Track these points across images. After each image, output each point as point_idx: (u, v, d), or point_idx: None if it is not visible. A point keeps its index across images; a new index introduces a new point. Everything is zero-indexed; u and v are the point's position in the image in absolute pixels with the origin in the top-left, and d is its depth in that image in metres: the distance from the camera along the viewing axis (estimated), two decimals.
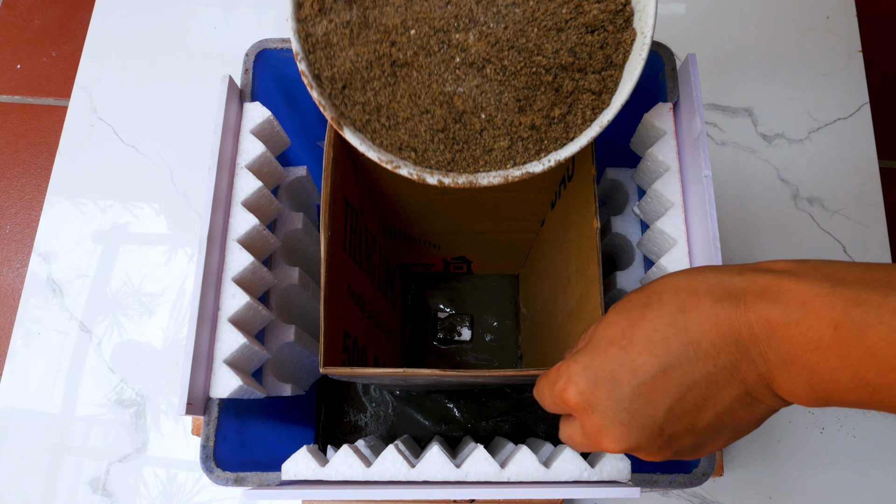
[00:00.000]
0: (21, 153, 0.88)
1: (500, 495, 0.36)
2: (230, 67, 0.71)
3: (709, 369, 0.24)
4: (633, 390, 0.25)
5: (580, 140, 0.33)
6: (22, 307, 0.64)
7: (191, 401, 0.36)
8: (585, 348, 0.27)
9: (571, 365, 0.27)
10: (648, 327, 0.25)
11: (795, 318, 0.22)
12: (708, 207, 0.38)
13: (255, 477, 0.37)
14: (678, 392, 0.24)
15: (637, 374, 0.25)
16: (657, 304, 0.25)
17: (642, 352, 0.25)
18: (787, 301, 0.22)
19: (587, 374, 0.26)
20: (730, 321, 0.23)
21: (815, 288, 0.22)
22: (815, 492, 0.56)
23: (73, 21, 0.95)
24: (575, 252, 0.43)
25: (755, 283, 0.23)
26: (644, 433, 0.25)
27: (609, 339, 0.26)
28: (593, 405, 0.26)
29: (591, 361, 0.26)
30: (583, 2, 0.33)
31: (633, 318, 0.26)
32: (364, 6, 0.33)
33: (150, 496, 0.57)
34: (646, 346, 0.25)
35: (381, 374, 0.35)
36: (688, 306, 0.24)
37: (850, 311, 0.21)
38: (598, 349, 0.26)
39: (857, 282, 0.21)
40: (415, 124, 0.33)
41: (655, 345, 0.24)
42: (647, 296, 0.26)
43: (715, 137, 0.67)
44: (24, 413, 0.60)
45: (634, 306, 0.26)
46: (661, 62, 0.44)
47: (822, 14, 0.71)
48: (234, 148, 0.43)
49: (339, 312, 0.40)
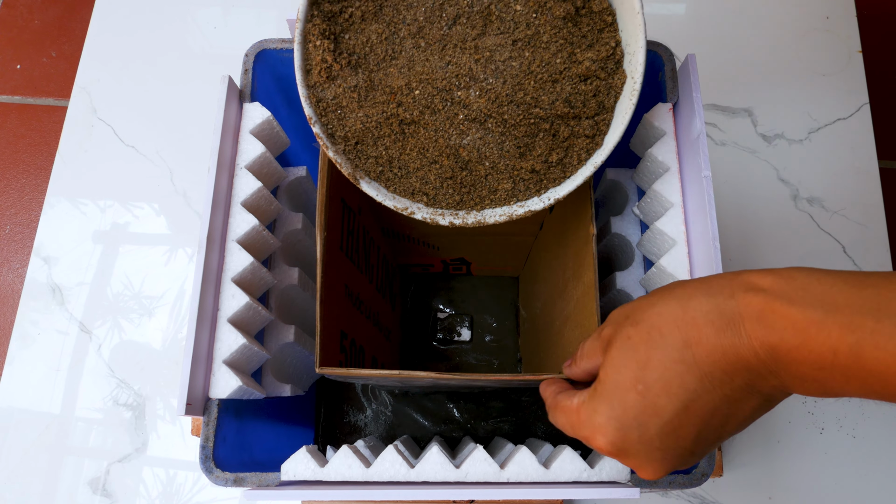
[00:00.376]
0: (21, 153, 0.88)
1: (499, 496, 0.36)
2: (230, 68, 0.71)
3: (727, 392, 0.25)
4: (661, 430, 0.26)
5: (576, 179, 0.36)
6: (22, 308, 0.64)
7: (190, 401, 0.36)
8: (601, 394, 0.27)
9: (592, 415, 0.28)
10: (660, 368, 0.25)
11: (795, 343, 0.22)
12: (707, 208, 0.38)
13: (254, 477, 0.37)
14: (703, 419, 0.26)
15: (661, 415, 0.26)
16: (660, 341, 0.26)
17: (660, 394, 0.25)
18: (784, 327, 0.23)
19: (613, 424, 0.27)
20: (735, 350, 0.24)
21: (808, 314, 0.22)
22: (815, 492, 0.56)
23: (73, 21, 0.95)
24: (572, 257, 0.43)
25: (749, 306, 0.24)
26: (677, 461, 0.27)
27: (624, 385, 0.26)
28: (625, 450, 0.27)
29: (613, 411, 0.27)
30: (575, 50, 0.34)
31: (641, 359, 0.26)
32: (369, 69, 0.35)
33: (150, 496, 0.57)
34: (663, 387, 0.25)
35: (377, 376, 0.35)
36: (692, 340, 0.25)
37: (846, 338, 0.21)
38: (615, 396, 0.27)
39: (848, 306, 0.22)
40: (425, 173, 0.36)
41: (671, 384, 0.25)
42: (648, 332, 0.26)
43: (715, 138, 0.67)
44: (24, 413, 0.61)
45: (638, 345, 0.26)
46: (661, 62, 0.44)
47: (822, 14, 0.71)
48: (234, 148, 0.43)
49: (336, 313, 0.40)
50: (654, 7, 0.73)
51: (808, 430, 0.58)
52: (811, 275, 0.23)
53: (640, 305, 0.28)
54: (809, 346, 0.22)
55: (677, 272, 0.40)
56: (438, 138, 0.35)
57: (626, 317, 0.28)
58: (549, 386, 0.33)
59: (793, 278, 0.23)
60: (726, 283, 0.25)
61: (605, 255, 0.53)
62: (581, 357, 0.31)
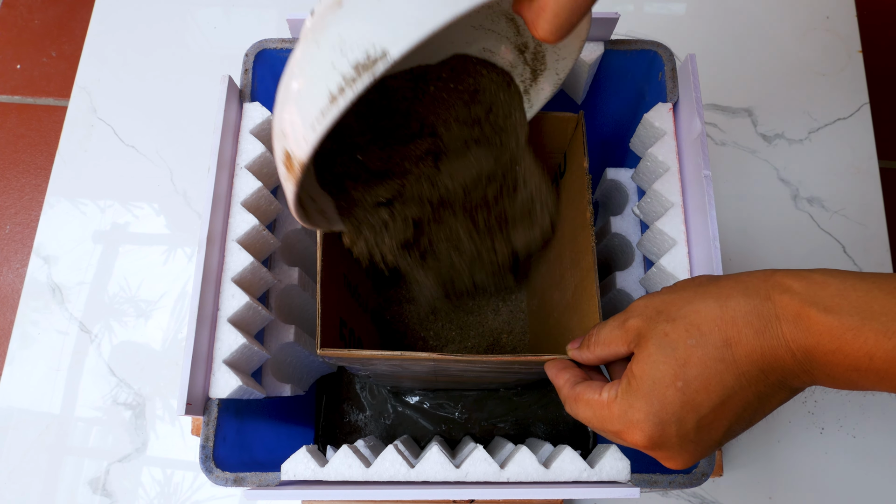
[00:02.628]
0: (21, 153, 0.88)
1: (499, 495, 0.36)
2: (230, 67, 0.71)
3: (761, 389, 0.26)
4: (697, 424, 0.27)
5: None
6: (22, 307, 0.64)
7: (190, 401, 0.36)
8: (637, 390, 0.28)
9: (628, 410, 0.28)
10: (700, 366, 0.26)
11: (832, 348, 0.24)
12: (708, 208, 0.38)
13: (254, 477, 0.37)
14: (736, 414, 0.27)
15: (699, 410, 0.27)
16: (701, 340, 0.26)
17: (700, 390, 0.26)
18: (820, 333, 0.24)
19: (652, 419, 0.27)
20: (773, 351, 0.25)
21: (844, 321, 0.23)
22: (815, 492, 0.56)
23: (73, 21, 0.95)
24: (569, 245, 0.43)
25: (785, 309, 0.25)
26: (707, 452, 0.28)
27: (662, 381, 0.27)
28: (662, 444, 0.28)
29: (652, 407, 0.27)
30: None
31: (681, 357, 0.27)
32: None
33: (150, 496, 0.57)
34: (702, 384, 0.26)
35: (378, 357, 0.35)
36: (732, 340, 0.26)
37: (883, 344, 0.22)
38: (654, 393, 0.27)
39: (884, 313, 0.23)
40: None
41: (711, 381, 0.26)
42: (686, 330, 0.27)
43: (715, 137, 0.67)
44: (24, 413, 0.60)
45: (676, 342, 0.27)
46: (661, 62, 0.44)
47: (822, 14, 0.71)
48: (234, 148, 0.43)
49: (336, 298, 0.40)
50: (654, 7, 0.73)
51: (808, 430, 0.58)
52: (845, 281, 0.24)
53: (674, 301, 0.28)
54: (846, 350, 0.23)
55: (677, 272, 0.40)
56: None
57: (658, 312, 0.28)
58: (560, 372, 0.33)
59: (826, 284, 0.24)
60: (761, 283, 0.26)
61: (605, 255, 0.53)
62: (596, 343, 0.31)
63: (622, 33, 0.71)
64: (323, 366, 0.52)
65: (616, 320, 0.30)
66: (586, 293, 0.38)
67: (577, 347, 0.33)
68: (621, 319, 0.30)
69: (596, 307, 0.37)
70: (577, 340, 0.33)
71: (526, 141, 0.41)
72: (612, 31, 0.43)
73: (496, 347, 0.55)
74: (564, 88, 0.49)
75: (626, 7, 0.73)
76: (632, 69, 0.46)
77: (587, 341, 0.32)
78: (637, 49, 0.45)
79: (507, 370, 0.40)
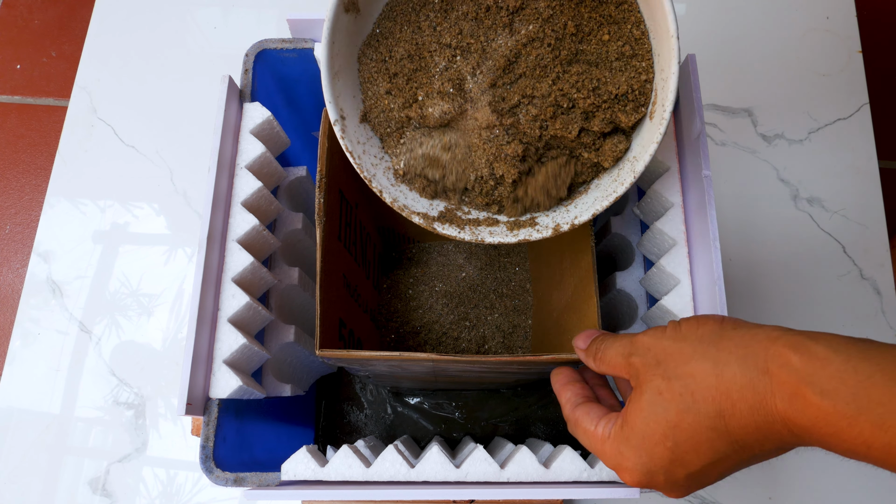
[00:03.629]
0: (21, 153, 0.88)
1: (499, 496, 0.36)
2: (230, 67, 0.71)
3: (754, 452, 0.26)
4: (687, 477, 0.28)
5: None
6: (22, 307, 0.64)
7: (190, 401, 0.36)
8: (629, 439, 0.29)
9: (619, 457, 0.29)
10: (690, 431, 0.27)
11: (827, 432, 0.23)
12: (708, 208, 0.38)
13: (254, 477, 0.37)
14: (727, 470, 0.28)
15: (688, 467, 0.27)
16: (693, 408, 0.26)
17: (690, 451, 0.27)
18: (816, 416, 0.23)
19: (640, 469, 0.28)
20: (768, 425, 0.25)
21: (840, 408, 0.22)
22: (815, 492, 0.56)
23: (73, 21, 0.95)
24: (568, 246, 0.43)
25: (782, 386, 0.24)
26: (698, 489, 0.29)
27: (653, 439, 0.28)
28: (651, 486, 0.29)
29: (640, 459, 0.28)
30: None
31: (672, 420, 0.27)
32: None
33: (150, 496, 0.57)
34: (692, 447, 0.27)
35: (377, 358, 0.35)
36: (726, 412, 0.26)
37: (879, 437, 0.22)
38: (644, 448, 0.28)
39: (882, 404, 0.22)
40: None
41: (701, 446, 0.27)
42: (680, 394, 0.27)
43: (714, 138, 0.67)
44: (24, 413, 0.61)
45: (669, 404, 0.27)
46: None
47: (822, 14, 0.71)
48: (234, 148, 0.43)
49: (335, 299, 0.40)
50: None
51: None
52: (848, 360, 0.23)
53: (674, 355, 0.28)
54: (842, 436, 0.23)
55: (677, 272, 0.40)
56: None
57: (658, 363, 0.28)
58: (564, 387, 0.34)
59: (828, 361, 0.23)
60: (761, 351, 0.25)
61: (606, 255, 0.53)
62: (601, 361, 0.32)
63: None
64: (323, 366, 0.52)
65: (623, 346, 0.31)
66: (585, 294, 0.38)
67: (584, 349, 0.33)
68: (627, 351, 0.30)
69: (595, 308, 0.37)
70: (584, 337, 0.34)
71: None
72: None
73: (496, 348, 0.55)
74: None
75: None
76: None
77: (593, 350, 0.32)
78: None
79: (507, 370, 0.40)
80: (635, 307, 0.46)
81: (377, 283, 0.56)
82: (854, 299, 0.61)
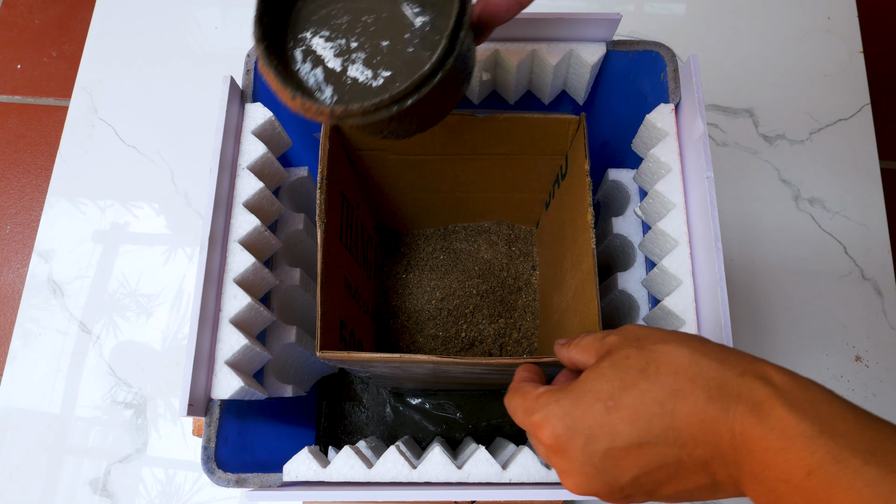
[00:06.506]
0: (21, 153, 0.88)
1: (501, 496, 0.36)
2: (231, 68, 0.71)
3: (682, 457, 0.25)
4: (606, 452, 0.26)
5: None
6: (22, 307, 0.64)
7: (192, 402, 0.36)
8: (571, 391, 0.27)
9: (552, 404, 0.27)
10: (637, 398, 0.25)
11: (775, 446, 0.22)
12: (710, 209, 0.38)
13: (256, 478, 0.37)
14: (647, 466, 0.25)
15: (614, 438, 0.25)
16: (654, 376, 0.25)
17: (625, 419, 0.25)
18: (772, 426, 0.22)
19: (565, 420, 0.26)
20: (715, 423, 0.24)
21: (801, 426, 0.21)
22: None
23: (73, 21, 0.95)
24: (570, 248, 0.43)
25: (752, 393, 0.23)
26: (604, 488, 0.26)
27: (596, 394, 0.26)
28: (564, 451, 0.27)
29: (574, 410, 0.26)
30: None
31: (626, 381, 0.26)
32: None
33: (150, 496, 0.57)
34: (630, 414, 0.25)
35: (377, 359, 0.35)
36: (681, 392, 0.25)
37: (827, 466, 0.21)
38: (582, 399, 0.26)
39: (844, 436, 0.21)
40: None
41: (639, 418, 0.25)
42: (647, 362, 0.26)
43: (716, 138, 0.67)
44: (25, 413, 0.60)
45: (631, 368, 0.26)
46: (664, 63, 0.44)
47: (824, 15, 0.71)
48: (236, 149, 0.43)
49: (336, 300, 0.40)
50: (655, 7, 0.73)
51: None
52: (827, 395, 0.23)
53: (654, 336, 0.27)
54: (787, 455, 0.21)
55: (679, 273, 0.40)
56: None
57: (637, 338, 0.28)
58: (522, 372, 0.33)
59: (807, 388, 0.23)
60: (745, 363, 0.25)
61: (607, 256, 0.53)
62: (576, 346, 0.31)
63: (623, 34, 0.71)
64: (324, 367, 0.52)
65: (602, 333, 0.30)
66: (586, 296, 0.38)
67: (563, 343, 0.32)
68: (605, 333, 0.30)
69: (595, 310, 0.37)
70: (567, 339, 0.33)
71: None
72: (614, 32, 0.43)
73: (497, 349, 0.55)
74: (566, 89, 0.49)
75: (626, 7, 0.73)
76: (634, 70, 0.46)
77: (571, 341, 0.32)
78: (639, 50, 0.45)
79: (508, 372, 0.40)
80: (637, 308, 0.46)
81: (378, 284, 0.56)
82: (855, 300, 0.61)
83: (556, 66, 0.44)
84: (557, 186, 0.48)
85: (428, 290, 0.56)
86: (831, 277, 0.62)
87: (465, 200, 0.54)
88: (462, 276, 0.56)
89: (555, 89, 0.48)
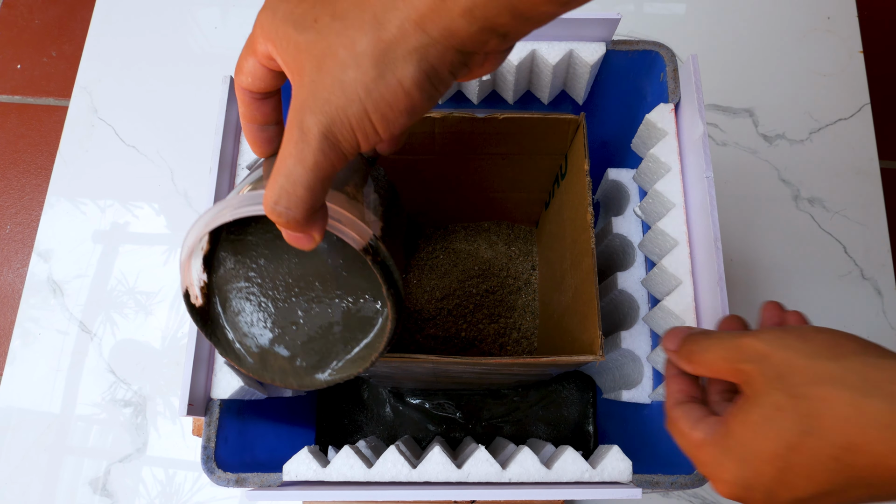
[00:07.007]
0: (21, 153, 0.88)
1: (501, 496, 0.36)
2: (231, 67, 0.71)
3: (873, 493, 0.24)
4: (792, 500, 0.25)
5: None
6: (22, 307, 0.64)
7: (192, 401, 0.36)
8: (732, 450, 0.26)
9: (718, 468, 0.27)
10: (809, 458, 0.24)
11: None
12: (710, 208, 0.38)
13: (256, 478, 0.37)
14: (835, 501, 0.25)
15: (794, 492, 0.25)
16: (818, 433, 0.24)
17: (802, 477, 0.25)
18: None
19: (740, 484, 0.26)
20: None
21: None
22: None
23: (73, 21, 0.95)
24: (569, 247, 0.43)
25: None
26: None
27: (761, 456, 0.25)
28: (743, 500, 0.27)
29: (743, 473, 0.26)
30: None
31: (790, 441, 0.25)
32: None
33: (150, 496, 0.57)
34: (806, 473, 0.25)
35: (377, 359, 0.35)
36: (858, 448, 0.23)
37: None
38: (749, 463, 0.26)
39: None
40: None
41: (817, 475, 0.24)
42: (807, 416, 0.24)
43: (716, 138, 0.67)
44: (25, 413, 0.60)
45: (790, 424, 0.25)
46: (663, 63, 0.44)
47: (823, 15, 0.71)
48: (236, 148, 0.43)
49: None
50: (655, 7, 0.73)
51: None
52: None
53: (800, 372, 0.25)
54: None
55: (679, 273, 0.40)
56: None
57: (779, 377, 0.25)
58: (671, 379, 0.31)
59: None
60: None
61: (607, 256, 0.53)
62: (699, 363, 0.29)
63: (622, 34, 0.71)
64: None
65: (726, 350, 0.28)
66: (586, 295, 0.38)
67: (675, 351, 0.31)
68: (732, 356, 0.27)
69: (595, 310, 0.37)
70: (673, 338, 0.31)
71: None
72: (613, 32, 0.43)
73: (497, 348, 0.55)
74: (566, 89, 0.49)
75: (626, 7, 0.73)
76: (633, 70, 0.46)
77: (686, 352, 0.30)
78: (639, 50, 0.45)
79: (508, 372, 0.39)
80: (637, 308, 0.46)
81: None
82: (855, 300, 0.61)
83: (556, 66, 0.44)
84: (557, 186, 0.48)
85: (428, 289, 0.56)
86: (831, 277, 0.62)
87: (464, 200, 0.54)
88: (462, 276, 0.57)
89: (554, 89, 0.48)
